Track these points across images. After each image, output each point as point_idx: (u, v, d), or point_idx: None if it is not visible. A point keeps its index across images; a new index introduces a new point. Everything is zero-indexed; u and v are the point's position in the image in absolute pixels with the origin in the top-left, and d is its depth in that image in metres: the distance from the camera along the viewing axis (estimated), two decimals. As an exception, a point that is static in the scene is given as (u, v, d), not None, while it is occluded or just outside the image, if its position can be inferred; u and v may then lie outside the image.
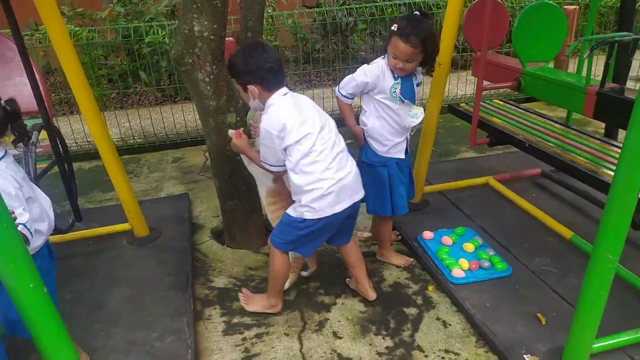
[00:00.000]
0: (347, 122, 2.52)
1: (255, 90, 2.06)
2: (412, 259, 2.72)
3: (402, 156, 2.51)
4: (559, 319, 2.15)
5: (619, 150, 1.80)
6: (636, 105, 1.50)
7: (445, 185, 3.38)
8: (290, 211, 2.15)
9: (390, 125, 2.41)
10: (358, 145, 2.56)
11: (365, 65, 2.40)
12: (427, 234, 2.83)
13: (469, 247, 2.67)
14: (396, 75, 2.34)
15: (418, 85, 2.44)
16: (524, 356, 1.98)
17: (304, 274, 2.61)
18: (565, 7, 4.83)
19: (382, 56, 2.38)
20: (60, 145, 2.66)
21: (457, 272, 2.48)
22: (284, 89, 2.09)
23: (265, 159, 2.13)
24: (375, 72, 2.34)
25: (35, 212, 1.76)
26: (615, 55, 2.72)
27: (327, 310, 2.41)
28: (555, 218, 2.83)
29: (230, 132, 2.33)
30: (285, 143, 2.02)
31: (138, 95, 6.05)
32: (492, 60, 3.33)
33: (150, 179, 4.10)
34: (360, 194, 2.20)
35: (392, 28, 2.24)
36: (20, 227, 1.58)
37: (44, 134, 2.56)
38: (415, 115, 2.36)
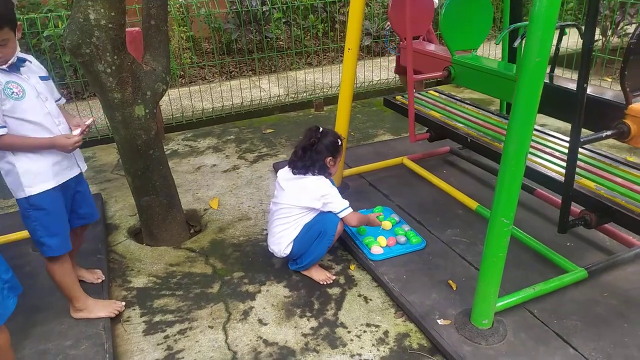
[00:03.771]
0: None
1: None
2: (334, 276, 2.53)
3: None
4: (468, 283, 2.31)
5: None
6: (519, 78, 1.64)
7: (363, 168, 3.48)
8: None
9: None
10: None
11: None
12: (347, 216, 2.90)
13: (387, 224, 2.78)
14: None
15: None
16: (438, 321, 2.11)
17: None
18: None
19: None
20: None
21: (376, 249, 2.58)
22: None
23: None
24: None
25: None
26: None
27: (251, 298, 2.41)
28: (463, 191, 3.02)
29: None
30: None
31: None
32: (420, 49, 3.24)
33: (59, 182, 3.82)
34: None
35: None
36: None
37: None
38: None
